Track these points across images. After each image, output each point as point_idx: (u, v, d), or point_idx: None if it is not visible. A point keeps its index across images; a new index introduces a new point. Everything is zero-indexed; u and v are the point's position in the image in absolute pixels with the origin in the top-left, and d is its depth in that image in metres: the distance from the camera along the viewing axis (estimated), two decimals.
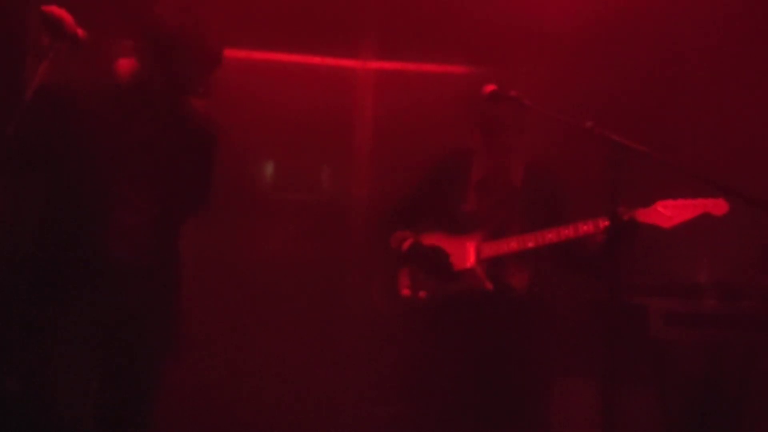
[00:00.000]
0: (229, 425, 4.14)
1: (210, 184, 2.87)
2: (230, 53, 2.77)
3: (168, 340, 2.86)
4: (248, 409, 4.23)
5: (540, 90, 3.26)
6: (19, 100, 2.38)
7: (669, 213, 3.01)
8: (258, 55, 4.62)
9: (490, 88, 3.07)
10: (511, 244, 3.28)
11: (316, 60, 4.71)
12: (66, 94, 2.60)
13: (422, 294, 3.39)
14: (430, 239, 3.43)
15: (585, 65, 4.25)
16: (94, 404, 2.72)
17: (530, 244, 3.24)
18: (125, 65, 2.73)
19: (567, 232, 3.17)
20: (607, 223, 3.02)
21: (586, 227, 3.13)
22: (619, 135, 2.75)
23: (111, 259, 2.68)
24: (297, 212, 4.76)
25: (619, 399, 2.71)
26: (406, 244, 3.42)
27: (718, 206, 2.96)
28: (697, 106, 4.23)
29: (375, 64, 4.79)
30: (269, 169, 4.87)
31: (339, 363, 4.30)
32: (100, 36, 2.62)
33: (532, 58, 4.16)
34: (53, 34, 2.46)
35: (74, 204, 2.65)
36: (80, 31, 2.51)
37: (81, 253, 2.66)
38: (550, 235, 3.20)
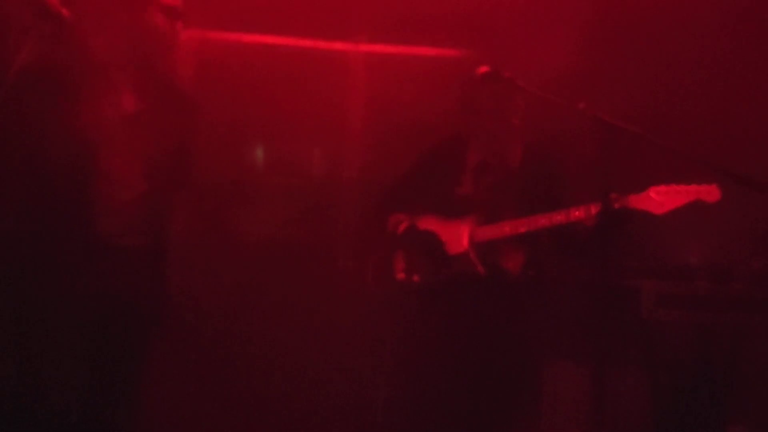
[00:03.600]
0: (214, 403, 4.12)
1: (193, 157, 2.88)
2: (222, 36, 2.76)
3: (156, 321, 2.85)
4: (236, 391, 4.23)
5: (533, 73, 3.24)
6: (2, 80, 2.36)
7: (661, 199, 3.00)
8: (249, 38, 4.59)
9: (483, 69, 3.05)
10: (504, 229, 3.27)
11: (307, 43, 4.68)
12: (51, 72, 2.57)
13: (416, 278, 3.39)
14: (425, 223, 3.42)
15: (578, 48, 4.22)
16: (82, 384, 2.71)
17: (522, 229, 3.23)
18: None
19: (559, 217, 3.16)
20: (598, 208, 3.02)
21: (578, 213, 3.12)
22: (611, 117, 2.73)
23: (103, 238, 2.67)
24: (288, 195, 4.74)
25: (611, 381, 2.70)
26: (402, 227, 3.42)
27: (710, 193, 2.94)
28: (694, 88, 4.22)
29: (366, 47, 4.77)
30: (260, 152, 4.85)
31: (331, 347, 4.29)
32: (84, 15, 2.59)
33: (524, 41, 4.13)
34: (37, 13, 2.43)
35: (63, 185, 2.63)
36: (65, 11, 2.48)
37: (72, 234, 2.65)
38: (543, 220, 3.19)
